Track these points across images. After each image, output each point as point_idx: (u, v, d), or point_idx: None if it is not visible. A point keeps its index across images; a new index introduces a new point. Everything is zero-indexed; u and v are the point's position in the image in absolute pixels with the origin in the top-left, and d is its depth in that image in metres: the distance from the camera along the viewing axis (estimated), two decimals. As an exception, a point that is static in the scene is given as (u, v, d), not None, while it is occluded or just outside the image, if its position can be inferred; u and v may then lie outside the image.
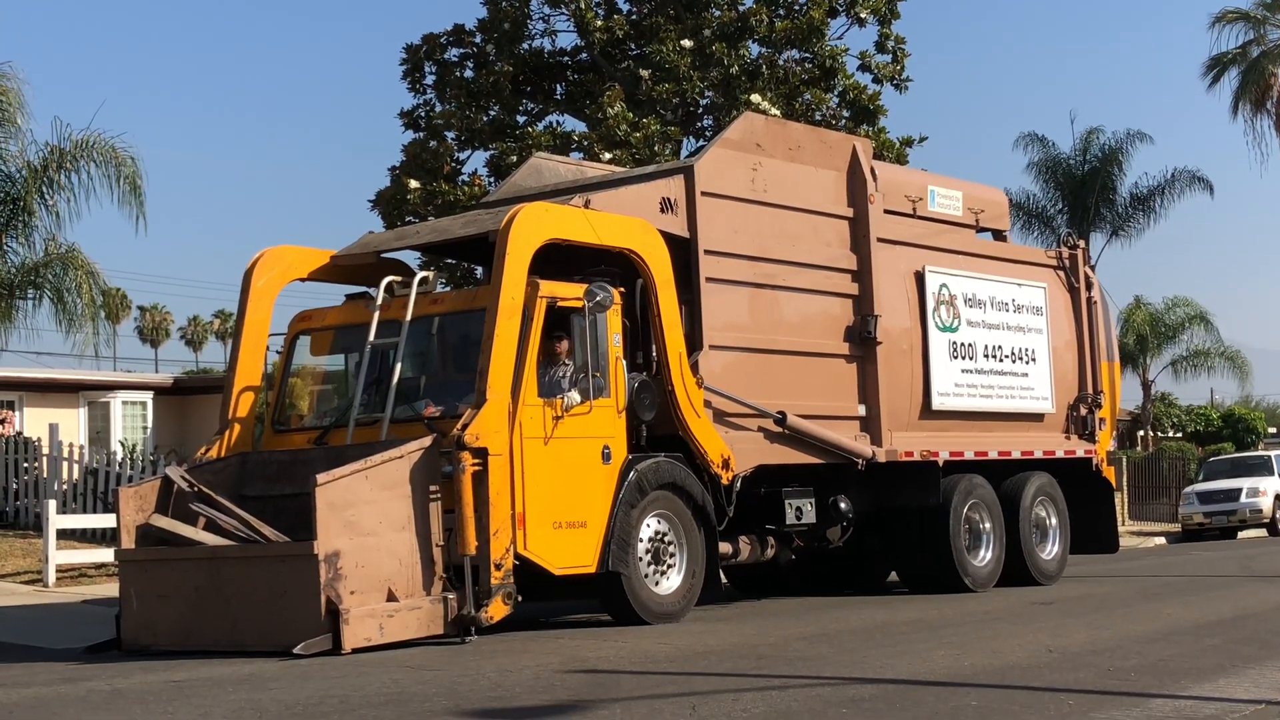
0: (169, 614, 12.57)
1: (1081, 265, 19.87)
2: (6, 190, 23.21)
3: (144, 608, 12.69)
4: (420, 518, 12.19)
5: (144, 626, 12.70)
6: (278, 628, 11.72)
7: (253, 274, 14.55)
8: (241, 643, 12.08)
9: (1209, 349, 55.18)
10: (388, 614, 11.87)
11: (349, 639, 11.52)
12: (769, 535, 15.62)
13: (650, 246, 14.10)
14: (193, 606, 12.43)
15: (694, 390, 14.21)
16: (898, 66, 27.43)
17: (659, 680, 9.95)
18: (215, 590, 12.29)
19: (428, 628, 12.13)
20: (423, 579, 12.18)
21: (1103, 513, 19.86)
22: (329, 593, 11.54)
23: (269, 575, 11.99)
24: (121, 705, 9.38)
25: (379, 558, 11.91)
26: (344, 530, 11.72)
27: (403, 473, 12.14)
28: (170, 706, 9.20)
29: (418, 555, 12.16)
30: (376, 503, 11.94)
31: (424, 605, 12.11)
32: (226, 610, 12.19)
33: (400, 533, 12.07)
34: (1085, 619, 13.92)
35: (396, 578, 12.03)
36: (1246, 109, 45.02)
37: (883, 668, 10.33)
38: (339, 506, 11.71)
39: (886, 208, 16.89)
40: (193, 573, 12.52)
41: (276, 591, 11.79)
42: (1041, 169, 45.49)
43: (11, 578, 20.14)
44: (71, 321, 23.19)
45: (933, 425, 17.15)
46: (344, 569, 11.65)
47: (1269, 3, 45.13)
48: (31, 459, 24.92)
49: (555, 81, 28.14)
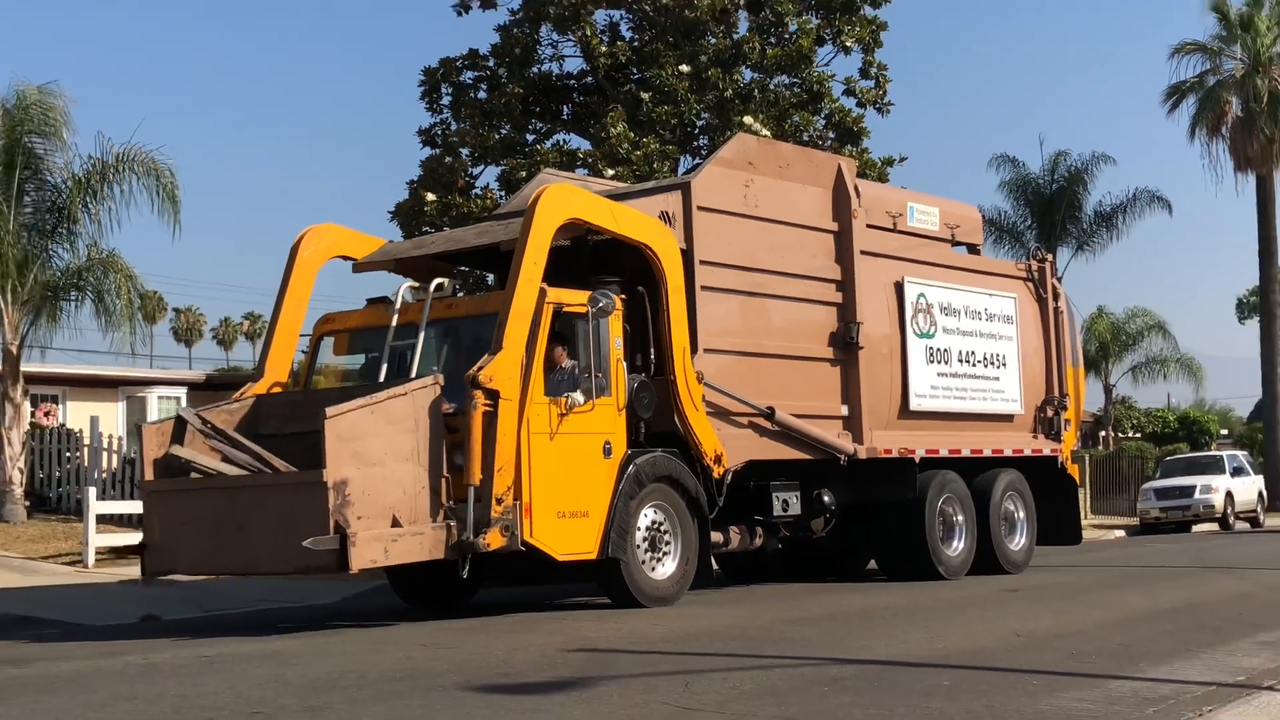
0: (188, 540, 12.55)
1: (1049, 277, 19.86)
2: (53, 200, 23.21)
3: (165, 535, 12.71)
4: (424, 451, 12.18)
5: (165, 552, 12.73)
6: (289, 552, 11.61)
7: (299, 246, 14.80)
8: (256, 565, 12.16)
9: (1166, 356, 55.19)
10: (392, 538, 11.81)
11: (355, 560, 11.44)
12: (757, 525, 15.61)
13: (665, 246, 14.17)
14: (210, 533, 12.37)
15: (694, 385, 14.22)
16: (880, 91, 27.42)
17: (655, 659, 9.95)
18: (231, 517, 12.22)
19: (429, 552, 12.06)
20: (426, 508, 12.14)
21: (1067, 507, 19.88)
22: (337, 517, 11.47)
23: (281, 502, 11.95)
24: (156, 678, 9.37)
25: (384, 486, 11.86)
26: (351, 460, 11.67)
27: (407, 409, 12.14)
28: (201, 679, 9.19)
29: (421, 486, 12.13)
30: (382, 435, 11.91)
31: (427, 531, 12.05)
32: (242, 536, 12.13)
33: (405, 464, 12.04)
34: (1050, 606, 13.91)
35: (401, 506, 11.97)
36: (1203, 134, 45.01)
37: (862, 649, 10.32)
38: (347, 438, 11.68)
39: (869, 222, 16.89)
40: (210, 501, 12.50)
41: (288, 517, 11.66)
42: (1012, 188, 45.49)
43: (54, 559, 20.14)
44: (111, 321, 23.18)
45: (910, 425, 17.14)
46: (351, 496, 11.59)
47: (1224, 36, 45.14)
48: (73, 449, 24.93)
49: (562, 103, 28.11)
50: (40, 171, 23.11)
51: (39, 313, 23.17)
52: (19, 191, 22.60)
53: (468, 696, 8.20)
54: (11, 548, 20.46)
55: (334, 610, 15.06)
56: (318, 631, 12.35)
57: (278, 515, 11.84)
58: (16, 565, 19.11)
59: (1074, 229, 44.97)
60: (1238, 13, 44.79)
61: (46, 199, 23.29)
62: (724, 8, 26.04)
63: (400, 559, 11.97)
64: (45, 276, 22.95)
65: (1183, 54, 45.45)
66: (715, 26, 26.31)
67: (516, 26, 26.95)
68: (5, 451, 22.43)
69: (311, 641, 11.47)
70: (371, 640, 11.42)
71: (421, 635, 11.62)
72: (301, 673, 9.41)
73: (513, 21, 27.08)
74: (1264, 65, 43.90)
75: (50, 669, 10.15)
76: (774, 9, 26.40)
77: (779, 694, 8.17)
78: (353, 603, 16.07)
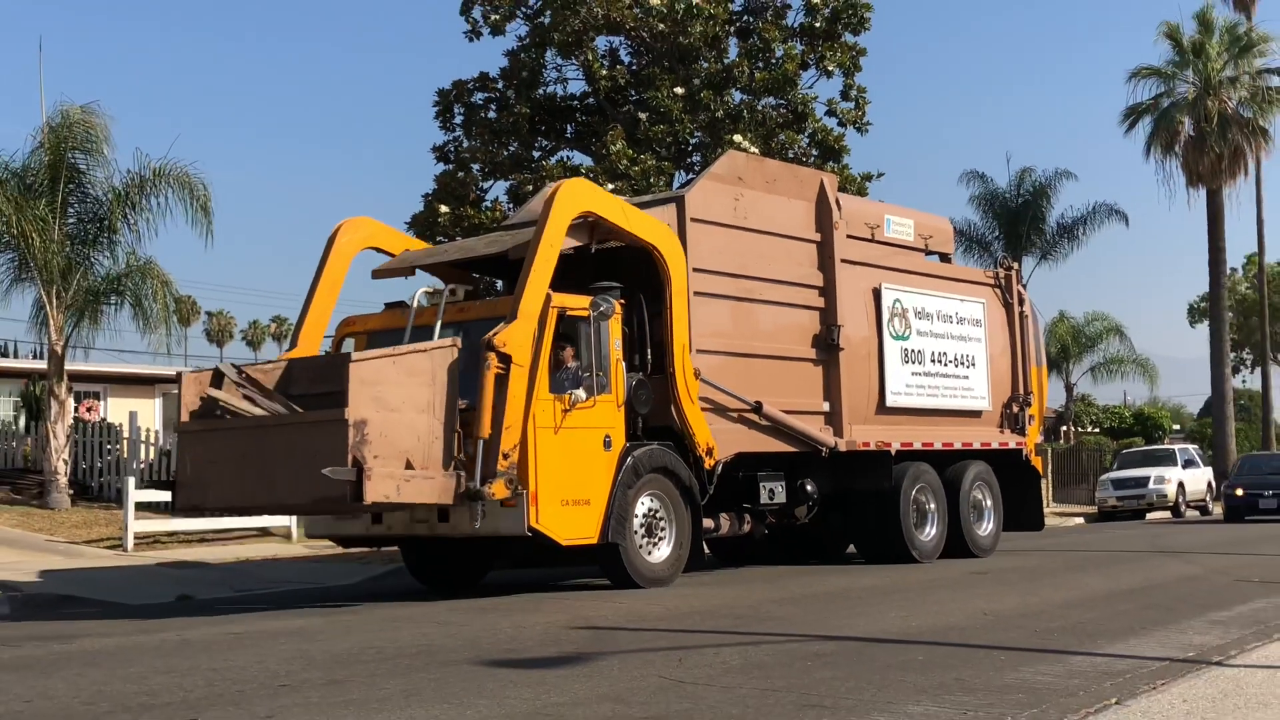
0: (217, 477, 12.55)
1: (1015, 284, 19.87)
2: (94, 211, 23.17)
3: (196, 472, 12.71)
4: (439, 406, 12.26)
5: (196, 488, 12.72)
6: (310, 485, 11.66)
7: (337, 235, 14.90)
8: (278, 499, 12.19)
9: (1123, 356, 55.15)
10: (405, 478, 11.84)
11: (369, 492, 11.46)
12: (746, 513, 15.63)
13: (671, 248, 14.25)
14: (238, 470, 12.39)
15: (692, 381, 14.25)
16: (860, 112, 27.38)
17: (651, 636, 9.95)
18: (258, 454, 12.26)
19: (439, 496, 12.11)
20: (439, 457, 12.18)
21: (1031, 496, 19.89)
22: (355, 453, 11.50)
23: (305, 439, 11.95)
24: (189, 653, 9.37)
25: (400, 431, 11.91)
26: (371, 403, 11.71)
27: (426, 365, 12.27)
28: (231, 654, 9.19)
29: (435, 436, 12.20)
30: (402, 385, 11.99)
31: (437, 477, 12.11)
32: (266, 472, 12.16)
33: (420, 414, 12.11)
34: (1016, 587, 13.91)
35: (414, 451, 12.02)
36: (1158, 152, 45.01)
37: (842, 627, 10.32)
38: (369, 383, 11.74)
39: (849, 233, 16.89)
40: (239, 441, 12.52)
41: (310, 453, 11.64)
42: (981, 201, 45.45)
43: (96, 543, 20.12)
44: (148, 324, 23.14)
45: (887, 420, 17.15)
46: (369, 435, 11.63)
47: (1177, 61, 45.14)
48: (113, 442, 24.90)
49: (566, 122, 28.08)
50: (83, 185, 23.06)
51: (82, 316, 23.13)
52: (63, 204, 22.56)
53: (479, 670, 8.20)
54: (56, 533, 20.45)
55: (354, 591, 15.06)
56: (339, 610, 12.35)
57: (301, 452, 11.83)
58: (61, 549, 19.10)
59: (1038, 239, 44.94)
60: (1190, 40, 44.81)
61: (88, 210, 23.24)
62: (715, 35, 26.03)
63: (410, 498, 11.96)
64: (87, 282, 22.91)
65: (1139, 78, 45.46)
66: (707, 52, 26.29)
67: (524, 51, 26.93)
68: (51, 444, 22.41)
69: (333, 620, 11.47)
70: (389, 619, 11.42)
71: (435, 614, 11.61)
72: (324, 648, 9.41)
73: (520, 47, 27.07)
74: (1214, 88, 43.91)
75: (92, 644, 10.15)
76: (761, 36, 26.40)
77: (765, 668, 8.18)
78: (371, 584, 16.06)
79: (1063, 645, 9.17)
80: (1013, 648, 9.01)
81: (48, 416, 22.64)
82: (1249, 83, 44.25)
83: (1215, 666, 8.23)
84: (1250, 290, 63.45)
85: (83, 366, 28.12)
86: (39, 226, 21.95)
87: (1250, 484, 32.16)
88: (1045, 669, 8.05)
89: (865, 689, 7.39)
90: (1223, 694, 7.33)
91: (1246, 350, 70.71)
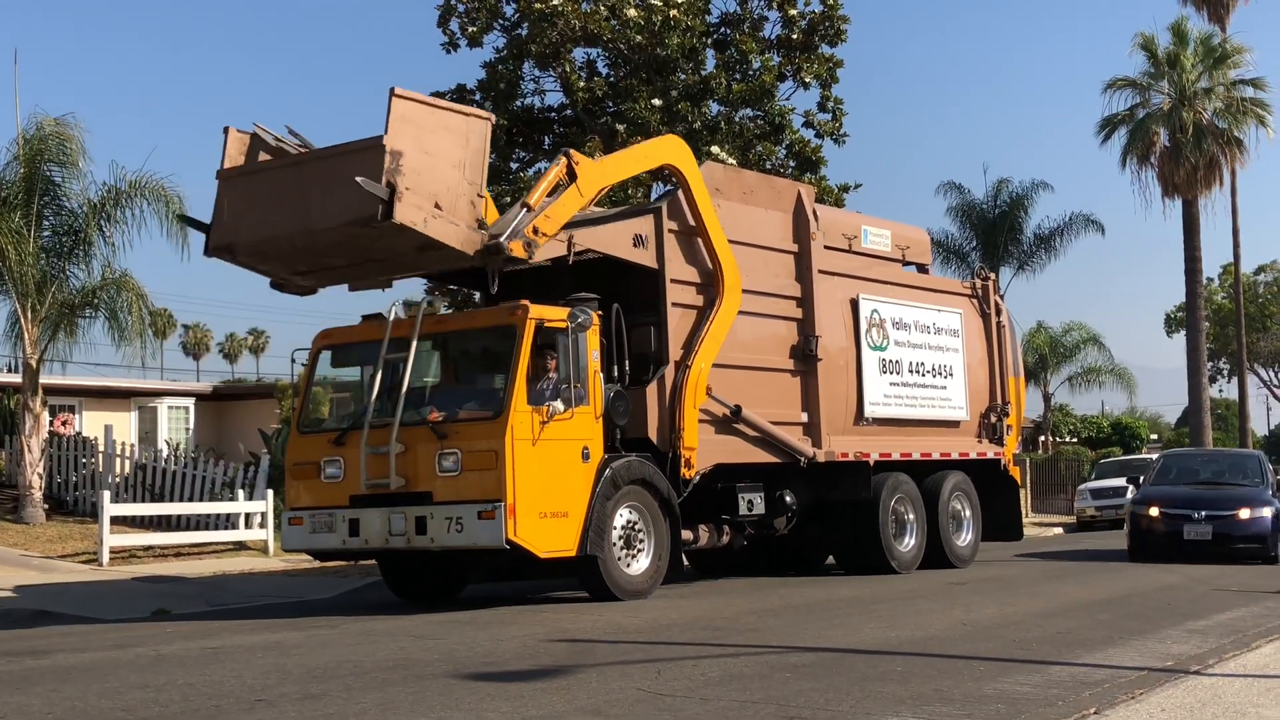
0: (252, 217, 13.00)
1: (992, 294, 19.93)
2: (69, 224, 23.07)
3: (232, 215, 13.22)
4: (469, 167, 12.74)
5: (229, 229, 13.22)
6: (344, 205, 12.16)
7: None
8: (309, 225, 12.59)
9: (1100, 366, 55.39)
10: (434, 214, 12.38)
11: (400, 211, 11.90)
12: (724, 524, 15.61)
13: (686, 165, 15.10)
14: (274, 205, 12.84)
15: (702, 384, 14.55)
16: (836, 124, 27.45)
17: (630, 648, 9.94)
18: (295, 187, 12.75)
19: (461, 242, 12.58)
20: (466, 213, 12.71)
21: (1009, 506, 19.92)
22: (389, 177, 11.92)
23: (343, 167, 12.23)
24: (165, 668, 9.32)
25: (433, 175, 12.36)
26: (409, 140, 12.15)
27: (461, 125, 12.80)
28: (207, 669, 9.14)
29: (463, 193, 12.66)
30: (439, 135, 12.49)
31: (463, 226, 12.69)
32: (302, 201, 12.62)
33: (453, 169, 12.59)
34: (994, 597, 13.94)
35: (444, 197, 12.47)
36: (1133, 162, 45.17)
37: (821, 638, 10.33)
38: (409, 120, 12.21)
39: (826, 244, 16.92)
40: (279, 177, 13.00)
41: (347, 179, 11.96)
42: (958, 212, 45.61)
43: (71, 558, 20.01)
44: (124, 337, 23.04)
45: (865, 430, 17.17)
46: (404, 168, 12.05)
47: (1152, 72, 45.34)
48: (89, 455, 24.77)
49: (544, 134, 28.07)
50: (58, 198, 22.96)
51: (57, 329, 23.03)
52: (38, 216, 22.47)
53: (456, 684, 8.17)
54: (31, 547, 20.33)
55: (331, 605, 14.99)
56: (316, 624, 12.29)
57: (339, 178, 12.17)
58: (36, 563, 18.99)
59: (1015, 250, 45.10)
60: (1165, 51, 45.03)
61: (64, 223, 23.14)
62: (693, 46, 26.08)
63: (437, 234, 12.35)
64: (63, 295, 22.81)
65: (1115, 89, 45.66)
66: (685, 64, 26.34)
67: (501, 63, 26.95)
68: (26, 458, 22.29)
69: (310, 634, 11.42)
70: (366, 632, 11.38)
71: (413, 627, 11.58)
72: (301, 662, 9.37)
73: (498, 58, 27.08)
74: (1189, 99, 44.13)
75: (67, 659, 10.09)
76: (739, 48, 26.46)
77: (744, 679, 8.17)
78: (348, 598, 16.00)
79: (1042, 655, 9.19)
80: (992, 658, 9.02)
81: (22, 430, 22.53)
82: (1224, 93, 44.49)
83: (1193, 675, 8.26)
84: (1227, 300, 63.76)
85: (58, 380, 27.96)
86: (13, 239, 21.86)
87: (1171, 500, 20.06)
88: (1024, 679, 8.07)
89: (844, 700, 7.39)
90: (1200, 703, 7.36)
91: (1223, 360, 71.06)
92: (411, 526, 12.81)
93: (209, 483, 23.26)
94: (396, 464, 12.94)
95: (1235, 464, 22.29)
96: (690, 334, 14.90)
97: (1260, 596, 14.14)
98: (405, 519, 12.84)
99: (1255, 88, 44.85)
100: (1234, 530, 19.47)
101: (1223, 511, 19.61)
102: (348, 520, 13.30)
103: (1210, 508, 19.64)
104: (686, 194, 14.96)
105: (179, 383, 41.60)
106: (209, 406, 33.86)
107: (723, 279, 15.04)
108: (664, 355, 14.50)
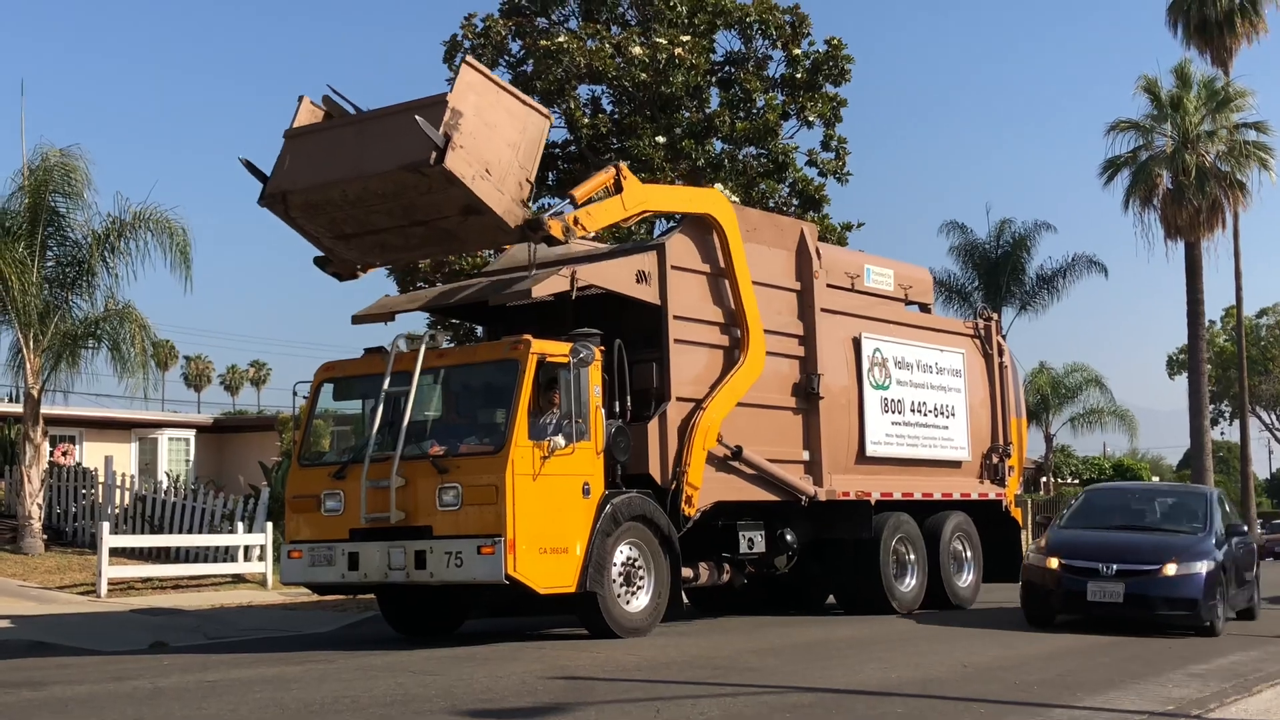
0: (307, 169, 13.37)
1: (995, 335, 19.94)
2: (74, 255, 23.15)
3: (292, 167, 13.49)
4: (522, 150, 13.18)
5: (286, 178, 13.49)
6: (398, 153, 12.56)
7: None
8: (363, 170, 12.99)
9: (1102, 408, 55.44)
10: (483, 175, 12.66)
11: (451, 160, 12.28)
12: (725, 562, 15.57)
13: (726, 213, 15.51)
14: (330, 158, 13.26)
15: (715, 427, 14.66)
16: (840, 163, 27.56)
17: (629, 686, 9.90)
18: (356, 140, 13.17)
19: (504, 212, 12.92)
20: (514, 188, 13.06)
21: (1011, 547, 19.82)
22: (447, 130, 12.33)
23: (404, 119, 12.56)
24: (161, 702, 9.29)
25: (488, 144, 12.77)
26: (471, 106, 12.63)
27: (521, 114, 13.32)
28: (204, 703, 9.11)
29: (512, 172, 13.07)
30: (499, 113, 13.00)
31: (509, 195, 12.95)
32: (360, 151, 13.03)
33: (508, 147, 13.03)
34: (995, 638, 13.89)
35: (494, 167, 12.83)
36: (1136, 204, 45.33)
37: (821, 678, 10.29)
38: (474, 88, 12.81)
39: (829, 282, 16.95)
40: (341, 135, 13.42)
41: (404, 131, 12.40)
42: (961, 252, 45.76)
43: (70, 589, 19.96)
44: (125, 368, 23.05)
45: (866, 469, 17.14)
46: (462, 126, 12.46)
47: (1156, 115, 45.53)
48: (89, 486, 24.75)
49: (548, 170, 28.19)
50: (62, 228, 23.04)
51: (59, 359, 23.06)
52: (42, 247, 22.54)
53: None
54: (29, 578, 20.29)
55: (329, 639, 14.95)
56: (314, 658, 12.25)
57: (399, 128, 12.61)
58: (34, 594, 18.94)
59: (1017, 290, 45.23)
60: (1168, 94, 45.24)
61: (68, 254, 23.22)
62: (697, 84, 26.20)
63: (483, 194, 12.69)
64: (65, 326, 22.86)
65: (1118, 131, 45.86)
66: (689, 101, 26.47)
67: (506, 99, 27.07)
68: (25, 488, 22.28)
69: (308, 667, 11.38)
70: (364, 667, 11.34)
71: (411, 663, 11.54)
72: (299, 696, 9.34)
73: (503, 94, 27.20)
74: (1192, 142, 44.30)
75: (64, 692, 10.05)
76: (743, 86, 26.60)
77: (743, 719, 8.14)
78: (347, 632, 15.95)
79: (1042, 698, 9.15)
80: (992, 700, 8.99)
81: (22, 460, 22.52)
82: (1226, 136, 44.67)
83: (1194, 720, 8.22)
84: (1229, 343, 63.82)
85: (59, 410, 27.98)
86: (17, 269, 21.91)
87: (1076, 548, 15.31)
88: (1024, 721, 8.03)
89: (844, 741, 7.35)
90: (1202, 747, 7.32)
91: (1225, 402, 71.12)
92: (411, 561, 12.78)
93: (208, 515, 23.22)
94: (397, 498, 12.92)
95: (1177, 505, 16.97)
96: (698, 371, 14.91)
97: (1261, 641, 14.09)
98: (405, 553, 12.80)
99: (1258, 131, 45.09)
100: (1153, 591, 14.52)
101: (1141, 565, 14.69)
102: (347, 554, 13.27)
103: (1125, 560, 14.78)
104: (723, 245, 15.35)
105: (180, 414, 41.62)
106: (209, 438, 33.89)
107: (748, 340, 15.36)
108: (666, 391, 14.50)
